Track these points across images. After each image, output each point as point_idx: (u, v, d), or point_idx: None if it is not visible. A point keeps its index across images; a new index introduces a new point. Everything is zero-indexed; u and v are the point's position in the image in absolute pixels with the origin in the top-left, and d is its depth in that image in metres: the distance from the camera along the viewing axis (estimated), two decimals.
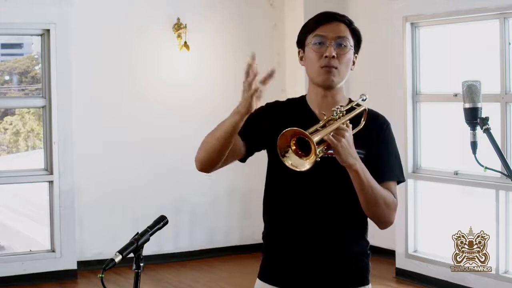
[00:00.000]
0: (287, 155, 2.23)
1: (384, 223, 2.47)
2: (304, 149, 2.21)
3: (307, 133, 2.18)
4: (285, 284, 2.50)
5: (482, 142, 2.64)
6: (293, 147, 2.22)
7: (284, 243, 2.50)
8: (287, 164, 2.23)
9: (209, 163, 2.46)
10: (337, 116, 2.32)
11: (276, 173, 2.52)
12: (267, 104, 2.59)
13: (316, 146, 2.20)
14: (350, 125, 2.34)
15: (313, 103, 2.55)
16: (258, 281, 2.59)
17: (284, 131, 2.20)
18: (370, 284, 2.56)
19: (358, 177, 2.34)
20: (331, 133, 2.27)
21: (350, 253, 2.50)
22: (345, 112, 2.35)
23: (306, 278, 2.47)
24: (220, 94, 7.39)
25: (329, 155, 2.33)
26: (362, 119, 2.45)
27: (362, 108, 2.45)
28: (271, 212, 2.56)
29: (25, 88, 7.37)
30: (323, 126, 2.29)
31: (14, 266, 6.43)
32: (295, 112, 2.48)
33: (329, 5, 5.87)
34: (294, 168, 2.22)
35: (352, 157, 2.30)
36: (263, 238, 2.61)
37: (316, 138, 2.20)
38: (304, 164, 2.21)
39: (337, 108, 2.33)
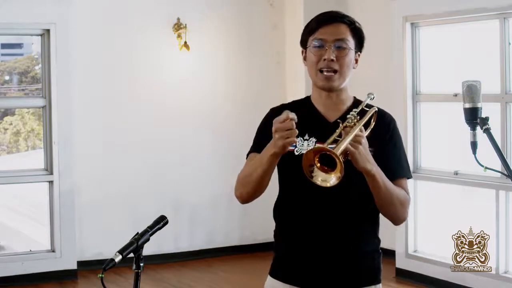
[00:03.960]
0: (313, 174, 2.23)
1: (398, 220, 2.51)
2: (328, 164, 2.21)
3: (332, 150, 2.18)
4: (297, 282, 2.51)
5: (482, 142, 2.64)
6: (318, 164, 2.22)
7: (297, 241, 2.51)
8: (317, 182, 2.22)
9: (254, 198, 2.52)
10: (352, 123, 2.31)
11: (287, 172, 2.53)
12: (272, 110, 2.59)
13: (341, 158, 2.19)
14: (364, 130, 2.35)
15: (318, 103, 2.56)
16: (269, 278, 2.60)
17: (306, 153, 2.20)
18: (381, 283, 2.57)
19: (376, 181, 2.36)
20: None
21: (363, 251, 2.52)
22: (358, 117, 2.35)
23: (318, 276, 2.48)
24: (220, 94, 7.39)
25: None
26: (372, 120, 2.46)
27: (373, 110, 2.46)
28: (284, 211, 2.57)
29: (25, 88, 7.37)
30: (340, 135, 2.30)
31: (14, 266, 6.43)
32: (302, 113, 2.48)
33: (329, 5, 5.87)
34: (324, 184, 2.22)
35: (369, 162, 2.32)
36: (274, 236, 2.62)
37: (339, 151, 2.20)
38: (332, 178, 2.21)
39: (351, 115, 2.33)
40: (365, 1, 7.19)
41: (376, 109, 2.49)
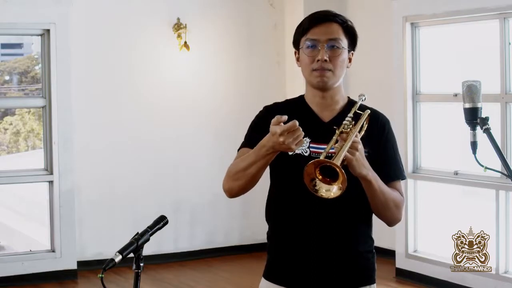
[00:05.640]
0: (316, 187, 2.23)
1: (393, 222, 2.52)
2: (330, 175, 2.20)
3: (333, 162, 2.17)
4: (292, 283, 2.50)
5: (482, 142, 2.64)
6: (320, 177, 2.21)
7: (291, 242, 2.50)
8: (323, 195, 2.22)
9: (244, 192, 2.53)
10: (348, 129, 2.31)
11: (280, 173, 2.52)
12: (266, 108, 2.59)
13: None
14: (359, 135, 2.35)
15: (312, 103, 2.55)
16: (263, 281, 2.59)
17: (306, 167, 2.20)
18: (375, 283, 2.57)
19: (371, 186, 2.37)
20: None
21: (357, 252, 2.51)
22: (353, 122, 2.34)
23: (313, 278, 2.47)
24: (220, 94, 7.39)
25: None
26: (365, 123, 2.45)
27: (367, 114, 2.45)
28: (277, 212, 2.56)
29: (25, 88, 7.37)
30: (336, 141, 2.29)
31: (14, 266, 6.43)
32: (296, 113, 2.47)
33: (329, 5, 5.87)
34: (328, 195, 2.22)
35: (365, 168, 2.33)
36: (268, 238, 2.61)
37: (339, 162, 2.20)
38: (334, 188, 2.21)
39: (347, 121, 2.32)
40: (365, 1, 7.19)
41: (369, 111, 2.48)
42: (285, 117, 2.26)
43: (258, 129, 2.47)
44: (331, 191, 2.22)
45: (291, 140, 2.24)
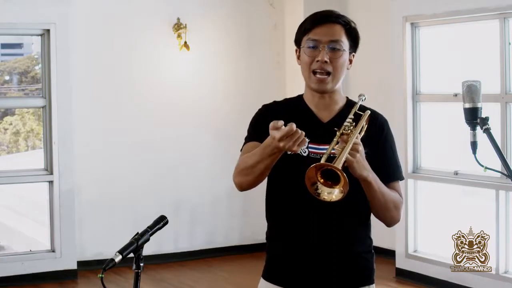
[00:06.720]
0: (318, 191, 2.22)
1: (392, 223, 2.52)
2: (331, 178, 2.20)
3: (335, 166, 2.17)
4: (291, 284, 2.49)
5: (482, 142, 2.64)
6: (321, 180, 2.21)
7: (290, 243, 2.49)
8: (325, 198, 2.22)
9: (254, 186, 2.48)
10: (349, 130, 2.30)
11: (279, 173, 2.51)
12: (265, 106, 2.58)
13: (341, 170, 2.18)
14: (359, 136, 2.34)
15: (311, 103, 2.55)
16: (262, 281, 2.58)
17: (307, 172, 2.19)
18: (374, 284, 2.56)
19: (372, 187, 2.37)
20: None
21: (356, 252, 2.51)
22: (354, 123, 2.33)
23: (312, 278, 2.46)
24: (220, 94, 7.39)
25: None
26: (365, 123, 2.44)
27: (367, 114, 2.44)
28: (275, 212, 2.55)
29: (25, 88, 7.37)
30: (336, 143, 2.28)
31: (14, 266, 6.43)
32: (294, 112, 2.47)
33: (329, 5, 5.86)
34: (330, 198, 2.22)
35: (366, 169, 2.32)
36: (267, 238, 2.60)
37: (340, 165, 2.19)
38: (335, 191, 2.21)
39: (348, 122, 2.31)
40: (365, 1, 7.19)
41: (369, 112, 2.47)
42: (281, 122, 2.23)
43: (258, 125, 2.47)
44: (332, 194, 2.21)
45: (291, 143, 2.23)
